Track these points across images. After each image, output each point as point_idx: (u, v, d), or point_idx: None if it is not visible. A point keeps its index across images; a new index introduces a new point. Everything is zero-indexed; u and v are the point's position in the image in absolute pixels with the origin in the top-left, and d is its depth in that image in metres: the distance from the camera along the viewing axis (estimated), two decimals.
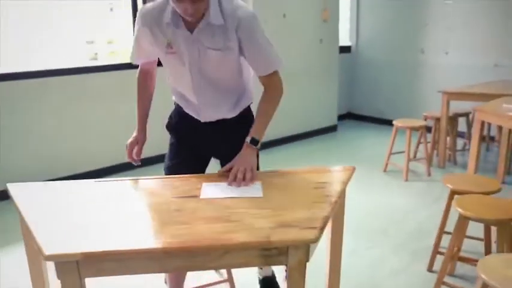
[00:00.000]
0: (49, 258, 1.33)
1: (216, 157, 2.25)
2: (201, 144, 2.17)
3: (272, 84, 2.04)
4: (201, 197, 1.76)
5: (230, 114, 2.12)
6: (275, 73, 2.02)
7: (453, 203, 2.46)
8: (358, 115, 7.22)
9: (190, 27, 1.86)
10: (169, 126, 2.25)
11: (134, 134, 2.20)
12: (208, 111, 2.08)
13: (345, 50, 6.92)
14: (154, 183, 1.93)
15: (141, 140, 2.20)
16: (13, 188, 1.85)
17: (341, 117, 6.96)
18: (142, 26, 1.95)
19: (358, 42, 7.05)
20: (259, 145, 1.99)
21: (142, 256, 1.38)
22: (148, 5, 1.95)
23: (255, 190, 1.81)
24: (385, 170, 4.72)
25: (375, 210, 3.83)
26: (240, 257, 1.43)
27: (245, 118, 2.16)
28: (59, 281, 1.39)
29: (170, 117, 2.26)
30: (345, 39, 7.00)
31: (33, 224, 1.52)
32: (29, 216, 1.59)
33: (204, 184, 1.86)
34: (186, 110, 2.13)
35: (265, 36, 1.96)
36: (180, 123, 2.19)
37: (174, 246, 1.38)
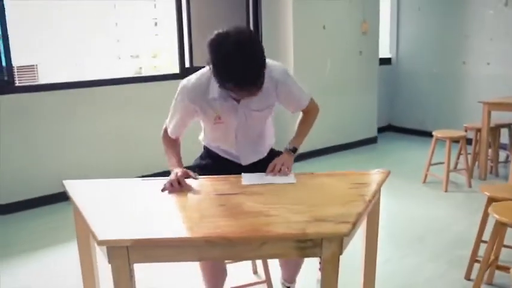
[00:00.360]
0: (102, 243, 1.46)
1: None
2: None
3: (310, 109, 2.32)
4: (243, 183, 1.96)
5: (262, 155, 2.32)
6: (310, 101, 2.29)
7: (489, 209, 2.46)
8: (398, 127, 7.20)
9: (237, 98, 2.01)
10: (198, 167, 2.30)
11: (179, 169, 2.05)
12: (247, 157, 2.26)
13: (385, 62, 6.94)
14: (197, 182, 2.04)
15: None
16: (68, 184, 2.01)
17: (381, 129, 6.95)
18: (190, 102, 2.04)
19: (398, 54, 7.06)
20: (296, 153, 2.23)
21: (186, 244, 1.49)
22: (191, 80, 2.05)
23: (288, 178, 2.04)
24: (424, 181, 4.70)
25: (412, 220, 3.83)
26: (277, 248, 1.52)
27: (272, 156, 2.28)
28: (107, 271, 1.51)
29: (200, 158, 2.35)
30: (385, 51, 7.02)
31: (87, 213, 1.66)
32: (83, 207, 1.74)
33: (244, 174, 2.06)
34: (224, 156, 2.28)
35: (296, 83, 2.20)
36: (211, 164, 2.29)
37: (215, 235, 1.48)
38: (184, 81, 2.08)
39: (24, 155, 4.11)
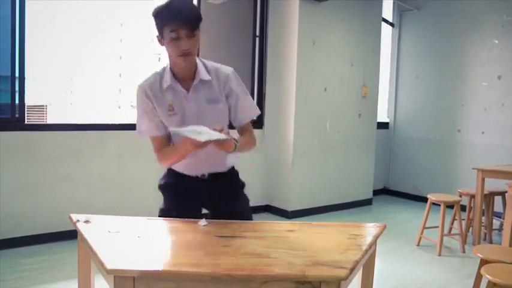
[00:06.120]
0: (111, 272, 1.51)
1: (207, 208, 2.35)
2: (193, 197, 2.28)
3: (251, 131, 2.29)
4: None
5: (223, 167, 2.29)
6: (251, 126, 2.29)
7: (482, 271, 2.52)
8: (393, 191, 7.30)
9: (187, 87, 2.14)
10: (162, 186, 2.35)
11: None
12: (206, 164, 2.24)
13: (382, 126, 7.14)
14: (197, 224, 2.11)
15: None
16: (76, 217, 2.07)
17: (377, 192, 7.04)
18: (146, 98, 2.14)
19: (395, 119, 7.28)
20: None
21: (191, 278, 1.54)
22: (145, 80, 2.18)
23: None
24: (418, 244, 4.74)
25: (406, 282, 3.85)
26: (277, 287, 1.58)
27: (233, 176, 2.35)
28: None
29: (163, 177, 2.36)
30: (383, 116, 7.24)
31: (94, 244, 1.72)
32: (91, 238, 1.80)
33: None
34: (184, 170, 2.26)
35: (245, 88, 2.28)
36: (172, 182, 2.31)
37: (220, 272, 1.54)
38: (139, 82, 2.19)
39: (29, 190, 4.18)
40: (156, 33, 2.07)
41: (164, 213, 2.27)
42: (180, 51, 2.02)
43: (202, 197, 2.29)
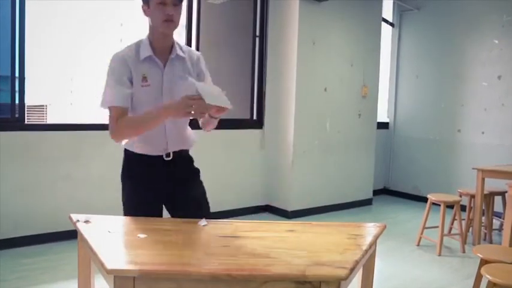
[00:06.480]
0: (111, 272, 1.52)
1: (166, 202, 2.35)
2: (154, 186, 2.26)
3: None
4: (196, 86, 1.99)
5: (188, 145, 2.37)
6: None
7: (482, 270, 2.52)
8: (393, 191, 7.30)
9: (163, 61, 2.21)
10: (124, 175, 2.34)
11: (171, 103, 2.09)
12: (174, 140, 2.28)
13: (382, 126, 7.14)
14: (197, 224, 2.11)
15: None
16: (75, 217, 2.08)
17: (377, 192, 7.03)
18: (124, 66, 2.14)
19: (395, 119, 7.28)
20: None
21: (192, 278, 1.55)
22: (120, 51, 2.19)
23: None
24: (418, 244, 4.74)
25: (405, 283, 3.84)
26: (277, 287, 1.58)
27: (191, 163, 2.41)
28: None
29: (123, 166, 2.36)
30: (383, 116, 7.24)
31: (94, 244, 1.72)
32: (91, 238, 1.80)
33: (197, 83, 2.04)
34: (148, 149, 2.25)
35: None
36: (134, 168, 2.30)
37: (220, 272, 1.55)
38: (114, 53, 2.20)
39: (29, 190, 4.17)
40: (141, 3, 2.15)
41: (128, 212, 2.27)
42: (165, 15, 2.09)
43: (163, 191, 2.29)
